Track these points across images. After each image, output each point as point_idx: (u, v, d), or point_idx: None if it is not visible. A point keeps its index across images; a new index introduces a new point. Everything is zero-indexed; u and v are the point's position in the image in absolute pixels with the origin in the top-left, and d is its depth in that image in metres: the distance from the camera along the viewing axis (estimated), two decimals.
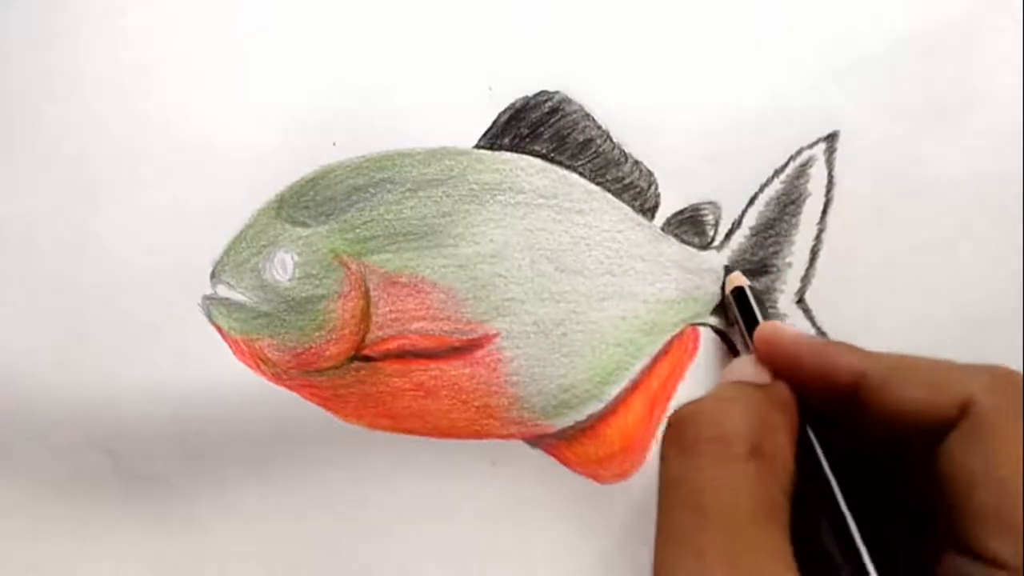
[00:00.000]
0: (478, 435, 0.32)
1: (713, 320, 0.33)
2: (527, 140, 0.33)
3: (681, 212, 0.33)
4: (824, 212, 0.33)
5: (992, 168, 0.34)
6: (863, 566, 0.23)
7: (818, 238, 0.33)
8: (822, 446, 0.26)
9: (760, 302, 0.31)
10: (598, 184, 0.33)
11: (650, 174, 0.33)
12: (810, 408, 0.26)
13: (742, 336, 0.31)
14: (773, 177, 0.33)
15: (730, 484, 0.22)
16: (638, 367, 0.32)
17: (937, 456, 0.23)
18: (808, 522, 0.24)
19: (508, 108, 0.33)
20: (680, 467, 0.23)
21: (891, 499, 0.25)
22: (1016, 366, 0.32)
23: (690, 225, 0.33)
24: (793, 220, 0.33)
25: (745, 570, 0.21)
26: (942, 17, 0.34)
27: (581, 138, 0.33)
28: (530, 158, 0.33)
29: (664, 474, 0.24)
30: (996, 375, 0.24)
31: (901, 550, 0.24)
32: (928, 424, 0.23)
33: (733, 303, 0.32)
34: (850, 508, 0.24)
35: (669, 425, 0.25)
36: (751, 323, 0.30)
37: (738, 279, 0.32)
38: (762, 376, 0.26)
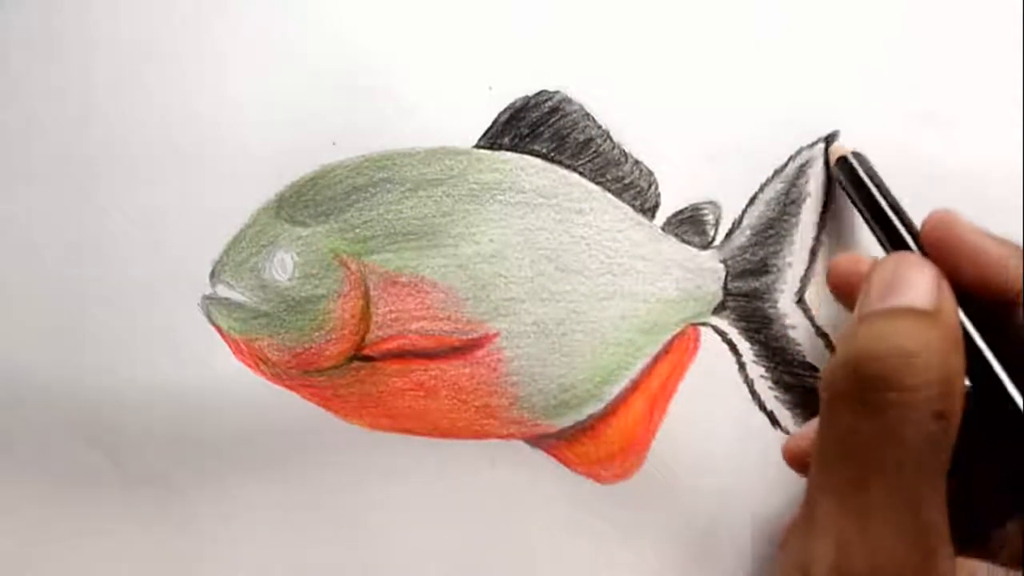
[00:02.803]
0: (478, 435, 0.32)
1: (714, 320, 0.33)
2: (527, 140, 0.33)
3: (681, 212, 0.33)
4: (824, 212, 0.33)
5: (992, 167, 0.34)
6: None
7: (818, 238, 0.33)
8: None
9: (873, 173, 0.31)
10: (598, 184, 0.33)
11: (650, 174, 0.33)
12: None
13: (857, 208, 0.31)
14: (773, 177, 0.33)
15: (911, 444, 0.22)
16: (638, 367, 0.32)
17: None
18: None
19: (508, 108, 0.33)
20: (857, 422, 0.22)
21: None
22: None
23: (690, 225, 0.33)
24: (793, 220, 0.33)
25: (914, 533, 0.21)
26: (942, 17, 0.34)
27: (581, 138, 0.33)
28: (530, 158, 0.33)
29: (834, 425, 0.23)
30: None
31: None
32: None
33: (841, 175, 0.31)
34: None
35: (845, 372, 0.23)
36: (863, 194, 0.30)
37: (841, 149, 0.32)
38: (929, 292, 0.24)
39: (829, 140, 0.33)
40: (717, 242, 0.33)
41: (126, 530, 0.31)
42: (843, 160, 0.31)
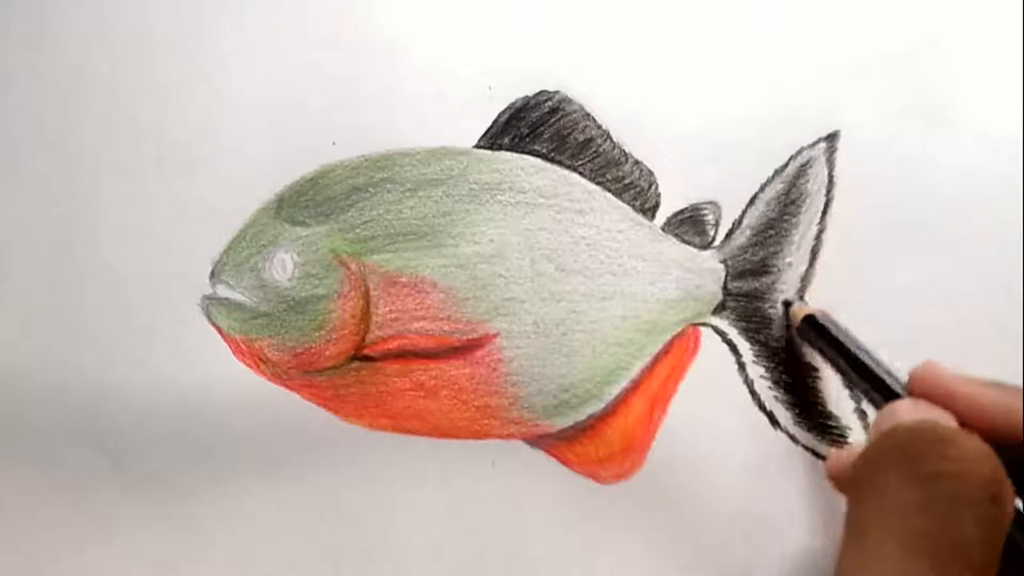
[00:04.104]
0: (478, 435, 0.32)
1: (714, 320, 0.33)
2: (527, 140, 0.33)
3: (681, 212, 0.33)
4: (824, 212, 0.33)
5: (992, 168, 0.34)
6: None
7: (818, 238, 0.33)
8: None
9: (839, 327, 0.30)
10: (598, 184, 0.33)
11: (650, 174, 0.33)
12: None
13: (832, 364, 0.30)
14: (773, 177, 0.33)
15: (966, 527, 0.20)
16: (638, 367, 0.32)
17: None
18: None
19: (508, 108, 0.33)
20: (909, 497, 0.21)
21: None
22: (1016, 366, 0.32)
23: (690, 225, 0.33)
24: (793, 220, 0.33)
25: None
26: (942, 17, 0.34)
27: (581, 138, 0.33)
28: (530, 158, 0.33)
29: (880, 498, 0.22)
30: None
31: None
32: None
33: (809, 333, 0.31)
34: None
35: (891, 445, 0.22)
36: (842, 351, 0.30)
37: (802, 310, 0.32)
38: (949, 418, 0.24)
39: (789, 302, 0.33)
40: (717, 242, 0.33)
41: (126, 530, 0.31)
42: (809, 319, 0.31)
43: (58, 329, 0.31)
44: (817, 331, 0.31)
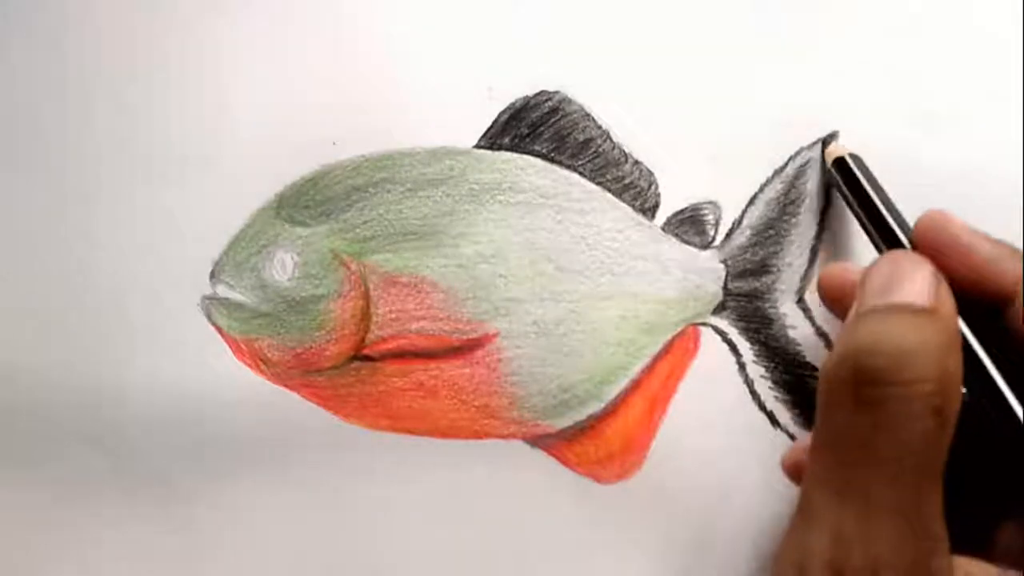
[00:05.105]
0: (478, 435, 0.32)
1: (714, 320, 0.33)
2: (527, 140, 0.33)
3: (681, 212, 0.33)
4: (824, 212, 0.33)
5: (992, 168, 0.34)
6: None
7: (818, 238, 0.33)
8: None
9: (869, 175, 0.31)
10: (598, 184, 0.33)
11: (650, 174, 0.33)
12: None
13: (853, 211, 0.31)
14: (773, 177, 0.33)
15: (908, 440, 0.22)
16: (638, 367, 0.32)
17: None
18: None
19: (508, 108, 0.33)
20: (855, 419, 0.23)
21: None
22: None
23: (690, 225, 0.33)
24: (793, 220, 0.33)
25: (912, 527, 0.22)
26: (941, 17, 0.34)
27: (581, 138, 0.33)
28: (530, 158, 0.33)
29: (830, 420, 0.23)
30: None
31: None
32: None
33: (837, 176, 0.31)
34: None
35: (842, 367, 0.23)
36: (859, 195, 0.30)
37: (838, 149, 0.32)
38: (927, 289, 0.24)
39: (827, 141, 0.33)
40: (717, 242, 0.33)
41: (126, 530, 0.31)
42: (840, 161, 0.31)
43: (58, 329, 0.31)
44: (844, 174, 0.31)
